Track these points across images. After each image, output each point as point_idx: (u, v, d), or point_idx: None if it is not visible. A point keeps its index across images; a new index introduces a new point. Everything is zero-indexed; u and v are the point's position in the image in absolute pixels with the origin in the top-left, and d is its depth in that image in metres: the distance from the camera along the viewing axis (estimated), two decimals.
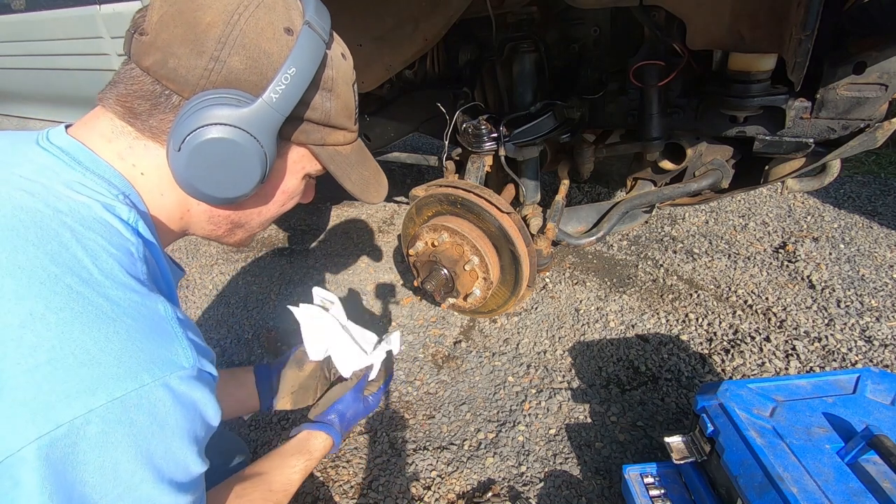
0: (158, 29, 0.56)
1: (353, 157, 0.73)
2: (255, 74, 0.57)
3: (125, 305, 0.49)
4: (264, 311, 2.17)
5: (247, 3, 0.57)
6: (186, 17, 0.56)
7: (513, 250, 1.37)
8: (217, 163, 0.57)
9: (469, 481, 1.40)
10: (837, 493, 0.85)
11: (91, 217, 0.52)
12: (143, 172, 0.61)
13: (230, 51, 0.56)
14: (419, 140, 3.79)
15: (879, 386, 1.06)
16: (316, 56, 0.60)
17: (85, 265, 0.48)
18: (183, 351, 0.52)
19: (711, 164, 1.52)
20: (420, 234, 1.44)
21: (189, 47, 0.55)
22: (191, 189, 0.60)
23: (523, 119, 1.48)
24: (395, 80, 1.80)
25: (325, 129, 0.67)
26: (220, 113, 0.56)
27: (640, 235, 2.50)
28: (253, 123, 0.57)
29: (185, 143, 0.56)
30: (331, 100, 0.65)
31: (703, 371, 1.68)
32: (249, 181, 0.60)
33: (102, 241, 0.51)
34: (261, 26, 0.57)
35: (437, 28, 1.32)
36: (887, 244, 2.24)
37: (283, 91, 0.57)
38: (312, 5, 0.62)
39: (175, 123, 0.57)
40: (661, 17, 1.27)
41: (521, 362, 1.79)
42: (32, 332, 0.44)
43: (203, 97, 0.56)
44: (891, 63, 1.11)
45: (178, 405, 0.50)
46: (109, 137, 0.60)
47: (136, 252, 0.54)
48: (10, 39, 2.02)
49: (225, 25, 0.56)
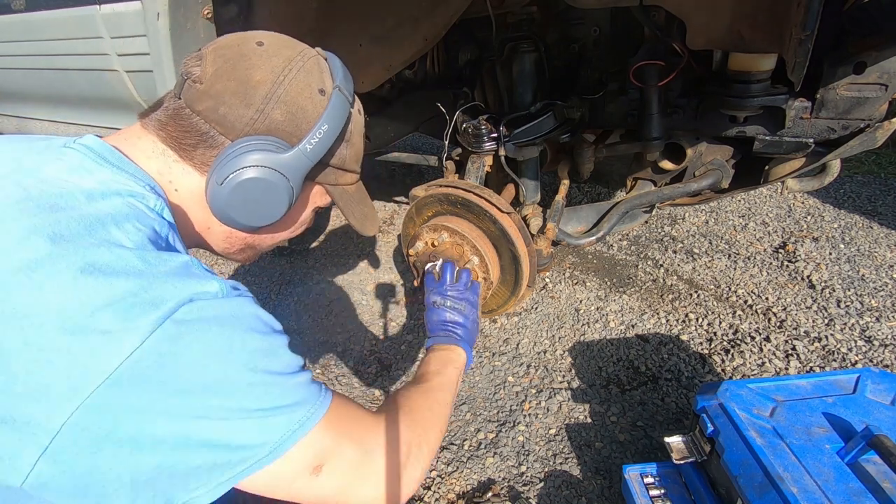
0: (213, 80, 0.65)
1: (356, 196, 0.84)
2: (292, 126, 0.67)
3: (156, 260, 0.54)
4: None
5: (290, 66, 0.67)
6: (239, 73, 0.65)
7: (513, 250, 1.37)
8: (253, 197, 0.66)
9: (469, 481, 1.40)
10: (837, 493, 0.85)
11: (120, 202, 0.58)
12: (177, 189, 0.69)
13: (274, 105, 0.66)
14: (419, 140, 3.79)
15: (879, 386, 1.06)
16: (343, 114, 0.71)
17: (116, 237, 0.54)
18: (216, 283, 0.57)
19: (711, 164, 1.52)
20: (420, 234, 1.44)
21: (240, 99, 0.65)
22: (224, 216, 0.68)
23: (523, 119, 1.48)
24: (395, 80, 1.80)
25: (339, 171, 0.78)
26: (262, 157, 0.65)
27: (640, 235, 2.50)
28: (288, 167, 0.66)
29: (229, 179, 0.64)
30: (347, 148, 0.77)
31: (703, 371, 1.68)
32: (276, 213, 0.70)
33: (133, 220, 0.57)
34: (300, 87, 0.67)
35: (437, 28, 1.32)
36: (887, 244, 2.24)
37: (316, 143, 0.68)
38: (341, 72, 0.73)
39: (219, 160, 0.65)
40: (661, 17, 1.27)
41: (521, 362, 1.79)
42: (85, 285, 0.49)
43: (247, 141, 0.65)
44: (891, 63, 1.11)
45: (227, 313, 0.55)
46: (150, 155, 0.67)
47: (160, 230, 0.60)
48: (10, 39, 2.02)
49: (272, 84, 0.66)
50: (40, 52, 1.94)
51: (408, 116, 1.86)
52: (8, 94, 2.34)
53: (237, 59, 0.66)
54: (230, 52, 0.67)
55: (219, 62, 0.66)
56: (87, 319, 0.47)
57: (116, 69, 1.59)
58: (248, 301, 0.60)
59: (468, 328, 1.02)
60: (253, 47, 0.67)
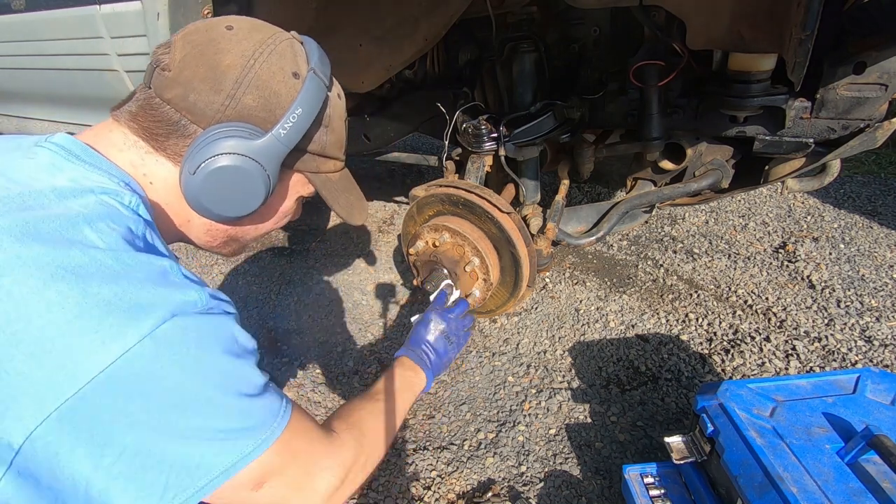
0: (181, 67, 0.63)
1: (340, 184, 0.82)
2: (265, 111, 0.65)
3: (133, 263, 0.53)
4: (264, 311, 2.17)
5: (261, 49, 0.65)
6: (208, 58, 0.63)
7: (513, 252, 1.37)
8: (227, 186, 0.64)
9: (469, 481, 1.40)
10: (837, 493, 0.85)
11: (93, 200, 0.56)
12: (152, 182, 0.66)
13: (245, 90, 0.63)
14: (419, 140, 3.79)
15: (879, 386, 1.06)
16: (319, 98, 0.68)
17: (91, 239, 0.52)
18: (196, 293, 0.56)
19: (711, 164, 1.52)
20: (421, 234, 1.44)
21: (209, 85, 0.62)
22: (199, 207, 0.66)
23: (523, 119, 1.48)
24: (395, 80, 1.80)
25: (319, 158, 0.75)
26: (234, 143, 0.63)
27: (640, 235, 2.50)
28: (262, 154, 0.64)
29: (201, 168, 0.62)
30: (327, 134, 0.74)
31: (703, 371, 1.68)
32: (253, 203, 0.67)
33: (107, 219, 0.55)
34: (273, 70, 0.65)
35: (437, 28, 1.32)
36: (887, 244, 2.24)
37: (290, 128, 0.65)
38: (316, 54, 0.70)
39: (191, 150, 0.63)
40: (661, 17, 1.27)
41: (521, 362, 1.79)
42: (56, 291, 0.47)
43: (218, 128, 0.63)
44: (891, 63, 1.11)
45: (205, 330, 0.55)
46: (121, 148, 0.65)
47: (136, 229, 0.58)
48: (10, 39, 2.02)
49: (242, 68, 0.63)
50: (40, 52, 1.94)
51: (408, 116, 1.87)
52: (8, 94, 2.34)
53: (205, 44, 0.64)
54: (198, 38, 0.64)
55: (187, 48, 0.64)
56: (57, 331, 0.46)
57: (116, 69, 1.59)
58: (226, 319, 0.59)
59: (442, 363, 1.05)
60: (222, 32, 0.65)
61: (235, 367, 0.56)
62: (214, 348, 0.55)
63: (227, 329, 0.58)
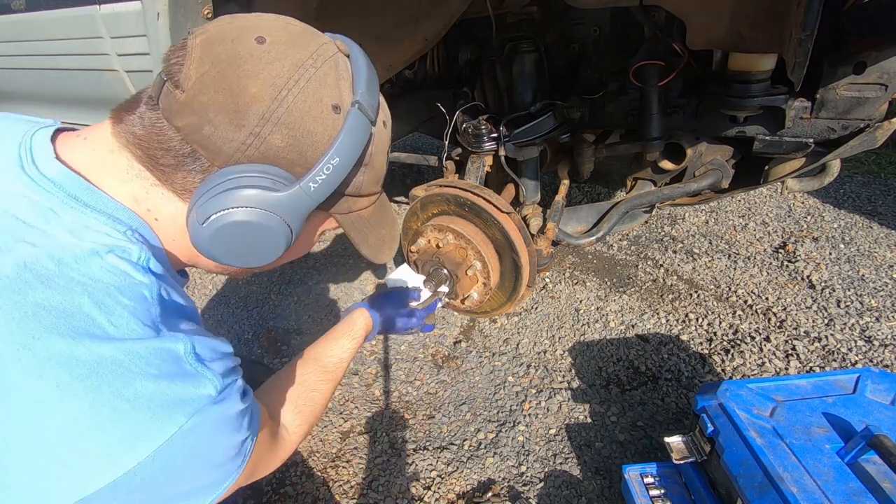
0: (197, 89, 0.52)
1: (373, 219, 0.71)
2: (295, 153, 0.55)
3: (146, 355, 0.48)
4: (264, 310, 2.17)
5: (297, 76, 0.54)
6: (230, 82, 0.52)
7: (515, 259, 1.37)
8: (241, 241, 0.56)
9: (469, 481, 1.40)
10: (837, 493, 0.85)
11: (99, 267, 0.49)
12: (157, 218, 0.58)
13: (273, 128, 0.53)
14: (419, 140, 3.79)
15: (879, 386, 1.06)
16: (361, 139, 0.58)
17: (100, 323, 0.46)
18: (209, 381, 0.52)
19: (711, 164, 1.52)
20: (423, 232, 1.44)
21: (229, 118, 0.52)
22: (208, 256, 0.58)
23: (523, 119, 1.48)
24: (395, 80, 1.80)
25: (353, 199, 0.65)
26: (254, 195, 0.53)
27: (640, 235, 2.50)
28: (286, 208, 0.55)
29: (212, 220, 0.53)
30: (365, 173, 0.63)
31: (703, 371, 1.68)
32: (270, 258, 0.59)
33: (114, 291, 0.49)
34: (308, 104, 0.54)
35: (438, 28, 1.32)
36: (887, 244, 2.24)
37: (322, 181, 0.55)
38: (365, 78, 0.58)
39: (202, 194, 0.54)
40: (661, 17, 1.27)
41: (521, 362, 1.79)
42: (65, 403, 0.44)
43: (236, 172, 0.53)
44: (891, 63, 1.11)
45: (217, 423, 0.53)
46: (124, 178, 0.56)
47: (150, 294, 0.52)
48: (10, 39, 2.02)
49: (271, 101, 0.52)
50: (40, 52, 1.94)
51: (408, 116, 1.87)
52: (8, 94, 2.35)
53: (229, 62, 0.52)
54: (221, 51, 0.53)
55: (205, 65, 0.52)
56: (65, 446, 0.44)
57: (116, 69, 1.59)
58: (235, 396, 0.56)
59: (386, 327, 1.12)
60: (251, 47, 0.53)
61: (237, 440, 0.56)
62: (224, 432, 0.54)
63: (235, 407, 0.55)
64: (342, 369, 0.94)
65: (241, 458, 0.58)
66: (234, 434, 0.56)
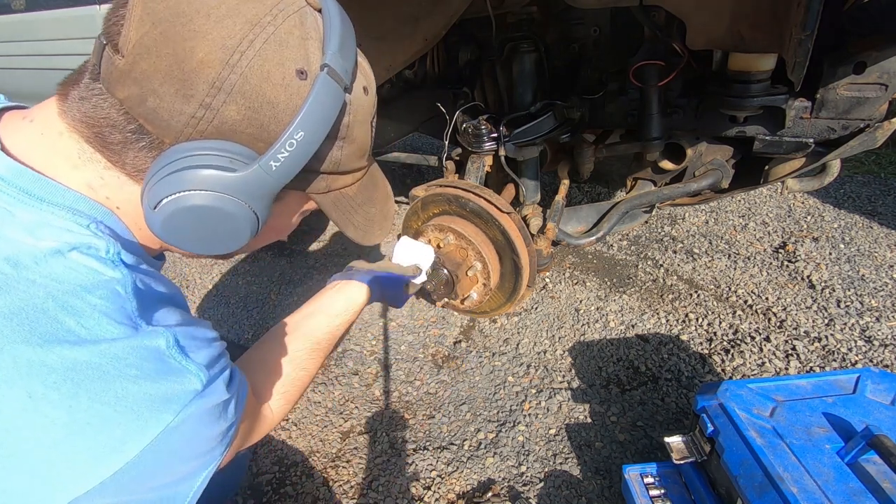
0: (137, 54, 0.45)
1: (359, 196, 0.64)
2: (254, 127, 0.48)
3: (124, 356, 0.45)
4: (264, 310, 2.17)
5: (253, 35, 0.46)
6: (174, 45, 0.44)
7: (516, 261, 1.37)
8: (199, 227, 0.50)
9: (469, 481, 1.40)
10: (837, 493, 0.85)
11: (63, 267, 0.45)
12: (118, 206, 0.52)
13: (226, 98, 0.46)
14: (419, 140, 3.79)
15: (879, 386, 1.06)
16: (332, 111, 0.50)
17: (70, 328, 0.43)
18: (194, 375, 0.50)
19: (711, 164, 1.52)
20: (424, 231, 1.44)
21: (174, 87, 0.45)
22: (169, 243, 0.53)
23: (523, 119, 1.48)
24: (395, 80, 1.80)
25: (331, 176, 0.58)
26: (207, 176, 0.46)
27: (640, 235, 2.50)
28: (245, 190, 0.48)
29: (162, 205, 0.47)
30: (343, 147, 0.56)
31: (703, 371, 1.68)
32: (235, 244, 0.53)
33: (81, 291, 0.44)
34: (267, 69, 0.47)
35: (438, 28, 1.32)
36: (887, 244, 2.24)
37: (285, 158, 0.48)
38: (338, 34, 0.51)
39: (151, 176, 0.47)
40: (661, 17, 1.27)
41: (521, 362, 1.79)
42: (39, 413, 0.41)
43: (188, 150, 0.47)
44: (891, 63, 1.11)
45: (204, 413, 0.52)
46: (76, 163, 0.50)
47: (124, 289, 0.47)
48: (10, 39, 2.02)
49: (222, 66, 0.45)
50: (40, 52, 1.94)
51: (408, 116, 1.87)
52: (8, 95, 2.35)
53: (172, 20, 0.45)
54: (163, 7, 0.45)
55: (146, 24, 0.45)
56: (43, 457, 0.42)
57: None
58: (220, 387, 0.54)
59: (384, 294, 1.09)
60: (199, 1, 0.46)
61: (219, 430, 0.55)
62: (208, 428, 0.53)
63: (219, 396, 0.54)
64: (332, 345, 0.91)
65: (225, 445, 0.57)
66: (220, 423, 0.55)
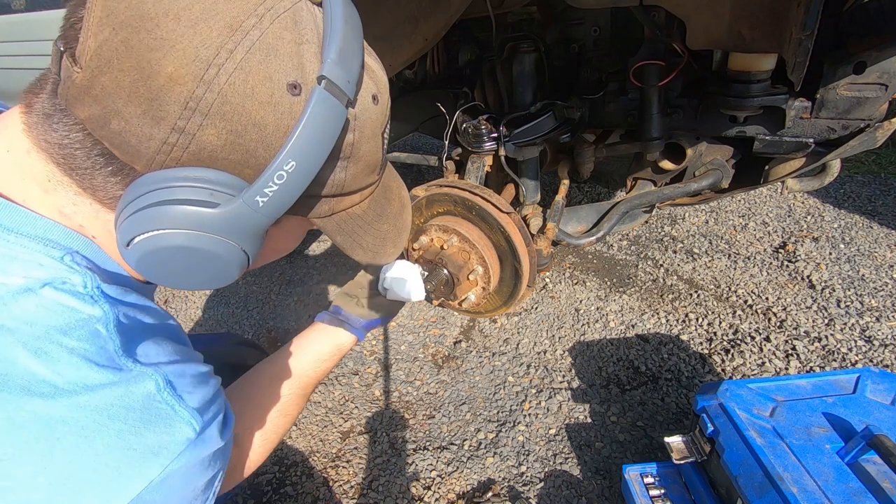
0: (96, 67, 0.37)
1: (369, 215, 0.56)
2: (238, 153, 0.40)
3: (106, 406, 0.41)
4: (264, 311, 2.17)
5: (232, 44, 0.37)
6: (138, 57, 0.36)
7: (517, 267, 1.38)
8: (180, 267, 0.43)
9: (469, 481, 1.40)
10: (837, 493, 0.85)
11: (35, 306, 0.39)
12: (94, 236, 0.46)
13: (202, 120, 0.38)
14: (419, 140, 3.79)
15: (879, 386, 1.06)
16: (331, 131, 0.42)
17: (44, 378, 0.38)
18: (186, 423, 0.46)
19: (711, 164, 1.52)
20: (427, 230, 1.44)
21: (141, 107, 0.37)
22: (149, 280, 0.47)
23: (523, 119, 1.48)
24: (395, 80, 1.80)
25: (334, 199, 0.50)
26: (183, 213, 0.39)
27: (640, 235, 2.50)
28: (229, 228, 0.41)
29: (135, 244, 0.41)
30: (347, 168, 0.48)
31: (703, 371, 1.68)
32: (223, 281, 0.47)
33: (57, 335, 0.39)
34: (251, 84, 0.38)
35: (438, 28, 1.32)
36: (887, 244, 2.24)
37: (274, 193, 0.40)
38: (339, 36, 0.42)
39: (121, 209, 0.41)
40: (661, 17, 1.27)
41: (521, 362, 1.79)
42: (9, 477, 0.38)
43: (161, 181, 0.40)
44: (891, 63, 1.11)
45: (194, 465, 0.48)
46: (46, 187, 0.43)
47: (105, 327, 0.42)
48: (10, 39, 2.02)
49: (196, 83, 0.37)
50: (40, 52, 1.94)
51: (408, 116, 1.87)
52: (8, 95, 2.35)
53: (136, 25, 0.36)
54: (125, 8, 0.37)
55: (105, 29, 0.36)
56: None
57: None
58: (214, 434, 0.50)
59: None
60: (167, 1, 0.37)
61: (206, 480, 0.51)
62: (196, 479, 0.49)
63: (212, 451, 0.50)
64: (313, 389, 0.85)
65: (210, 493, 0.53)
66: (209, 472, 0.50)
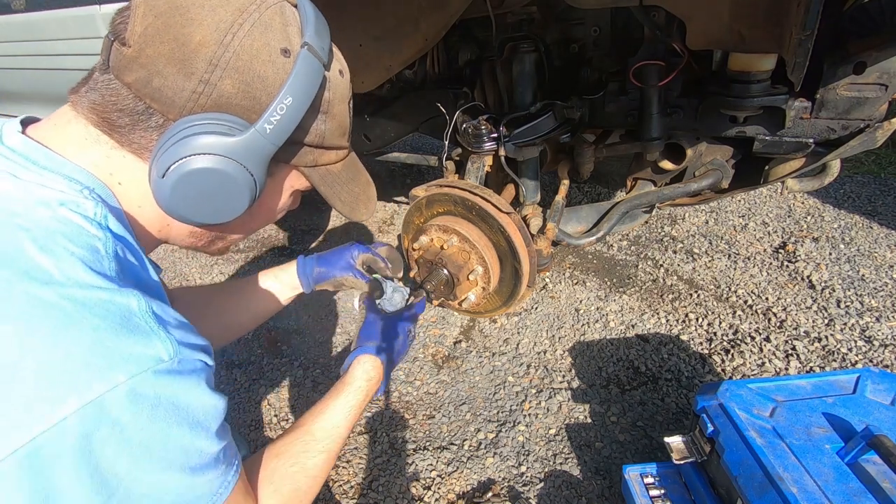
0: (143, 43, 0.53)
1: (343, 175, 0.72)
2: (247, 99, 0.56)
3: (91, 304, 0.46)
4: None
5: (241, 20, 0.54)
6: (174, 32, 0.52)
7: (517, 268, 1.37)
8: (204, 192, 0.55)
9: (469, 481, 1.40)
10: (837, 493, 0.85)
11: (48, 216, 0.49)
12: (120, 182, 0.58)
13: (222, 73, 0.54)
14: (419, 140, 3.79)
15: (879, 386, 1.06)
16: (314, 82, 0.58)
17: (43, 267, 0.45)
18: (162, 343, 0.49)
19: (711, 164, 1.52)
20: (427, 230, 1.44)
21: (177, 67, 0.53)
22: (174, 213, 0.57)
23: (523, 119, 1.48)
24: (395, 80, 1.80)
25: (317, 150, 0.65)
26: (209, 141, 0.53)
27: (640, 235, 2.50)
28: (244, 153, 0.55)
29: (171, 171, 0.53)
30: (325, 122, 0.64)
31: (703, 371, 1.68)
32: (236, 209, 0.58)
33: (62, 239, 0.48)
34: (256, 47, 0.55)
35: (437, 28, 1.32)
36: (887, 244, 2.24)
37: (277, 122, 0.55)
38: (312, 22, 0.59)
39: (159, 148, 0.54)
40: (661, 17, 1.27)
41: (521, 362, 1.79)
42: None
43: (191, 122, 0.54)
44: (891, 63, 1.10)
45: (163, 397, 0.48)
46: (82, 145, 0.56)
47: (105, 248, 0.51)
48: (10, 39, 2.02)
49: (217, 46, 0.53)
50: (40, 52, 1.94)
51: (408, 116, 1.86)
52: (8, 94, 2.35)
53: (172, 12, 0.53)
54: (162, 3, 0.54)
55: (149, 17, 0.53)
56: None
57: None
58: (192, 379, 0.51)
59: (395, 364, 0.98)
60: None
61: (188, 440, 0.51)
62: (169, 421, 0.49)
63: (189, 394, 0.51)
64: (338, 437, 0.78)
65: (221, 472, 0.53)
66: (188, 430, 0.50)
